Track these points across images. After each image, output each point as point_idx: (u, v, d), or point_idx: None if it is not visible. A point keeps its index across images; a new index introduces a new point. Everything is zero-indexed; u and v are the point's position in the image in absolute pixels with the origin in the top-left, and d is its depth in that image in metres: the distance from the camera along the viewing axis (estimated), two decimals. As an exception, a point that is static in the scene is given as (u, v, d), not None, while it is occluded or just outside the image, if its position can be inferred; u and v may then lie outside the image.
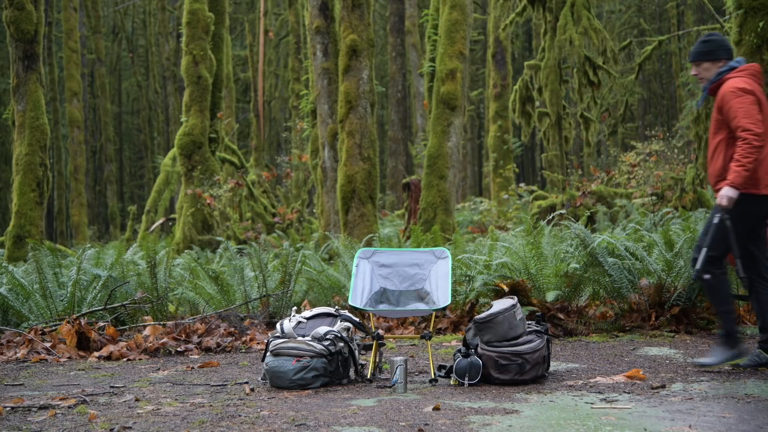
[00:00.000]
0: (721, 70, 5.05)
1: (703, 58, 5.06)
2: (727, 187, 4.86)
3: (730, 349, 5.03)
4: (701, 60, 5.07)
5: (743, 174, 4.83)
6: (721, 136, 5.02)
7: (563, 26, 14.31)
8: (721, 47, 5.07)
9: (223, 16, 16.61)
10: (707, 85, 5.10)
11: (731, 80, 5.00)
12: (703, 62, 5.07)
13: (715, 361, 5.02)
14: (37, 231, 11.71)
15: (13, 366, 6.12)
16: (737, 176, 4.84)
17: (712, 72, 5.07)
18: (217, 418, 3.97)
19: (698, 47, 5.09)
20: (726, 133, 5.00)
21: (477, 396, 4.45)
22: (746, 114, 4.86)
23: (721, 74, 5.04)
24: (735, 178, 4.84)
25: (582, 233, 6.92)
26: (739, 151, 4.85)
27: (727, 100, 4.93)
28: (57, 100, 29.46)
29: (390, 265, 5.35)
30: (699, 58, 5.08)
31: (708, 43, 5.07)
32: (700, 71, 5.09)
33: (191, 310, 8.01)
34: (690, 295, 6.75)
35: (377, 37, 35.18)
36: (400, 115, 25.83)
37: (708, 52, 5.05)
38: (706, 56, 5.06)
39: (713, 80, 5.07)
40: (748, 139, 4.83)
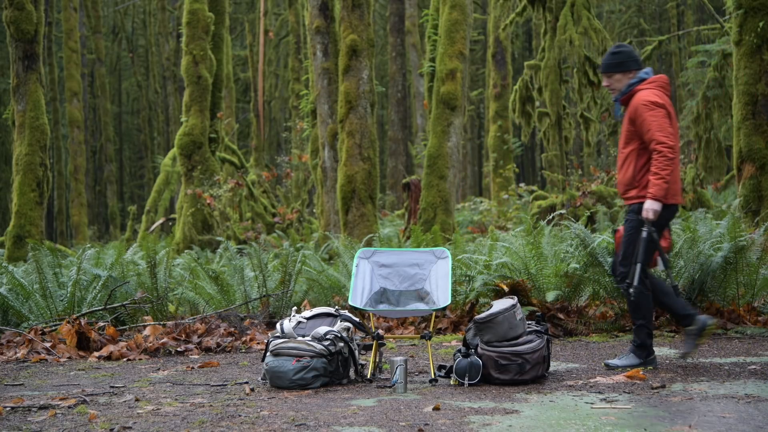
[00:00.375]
0: (632, 81, 5.11)
1: (615, 70, 5.09)
2: (651, 201, 4.95)
3: (638, 357, 5.16)
4: (613, 72, 5.10)
5: (663, 186, 4.95)
6: (633, 147, 5.13)
7: (563, 26, 14.31)
8: (631, 58, 5.13)
9: (223, 16, 16.61)
10: (618, 97, 5.16)
11: (642, 92, 5.08)
12: (614, 74, 5.10)
13: (623, 365, 5.14)
14: (37, 231, 11.71)
15: (13, 366, 6.12)
16: (658, 189, 4.95)
17: (623, 83, 5.12)
18: (217, 418, 3.97)
19: (609, 59, 5.11)
20: (637, 144, 5.11)
21: (477, 396, 4.45)
22: (659, 127, 4.96)
23: (631, 86, 5.10)
24: (657, 191, 4.95)
25: (582, 233, 6.93)
26: (655, 164, 4.95)
27: (640, 113, 5.01)
28: (57, 100, 29.46)
29: (390, 265, 5.35)
30: (611, 69, 5.10)
31: (618, 54, 5.10)
32: (611, 83, 5.13)
33: (191, 310, 8.01)
34: (690, 295, 6.75)
35: (377, 37, 35.18)
36: (400, 115, 25.83)
37: (619, 64, 5.08)
38: (617, 68, 5.08)
39: (624, 92, 5.12)
40: (663, 152, 4.94)
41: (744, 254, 6.78)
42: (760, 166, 9.21)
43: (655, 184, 4.94)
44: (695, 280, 6.71)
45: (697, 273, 6.67)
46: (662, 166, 4.93)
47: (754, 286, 6.98)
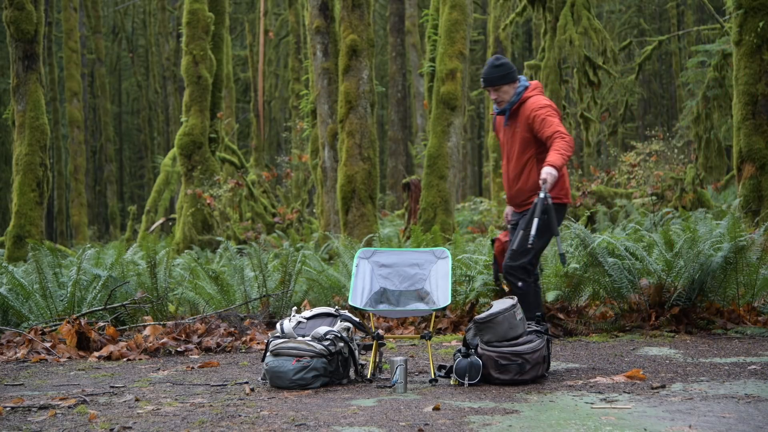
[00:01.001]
0: (518, 90, 5.19)
1: (502, 82, 5.15)
2: (551, 168, 4.99)
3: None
4: (501, 84, 5.16)
5: (564, 161, 5.01)
6: (530, 154, 5.24)
7: (563, 26, 14.31)
8: (513, 68, 5.22)
9: (223, 16, 16.62)
10: (508, 107, 5.21)
11: (532, 99, 5.20)
12: (502, 86, 5.16)
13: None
14: (37, 231, 11.72)
15: (13, 366, 6.12)
16: (560, 159, 5.00)
17: (510, 94, 5.19)
18: (217, 418, 3.97)
19: (494, 72, 5.15)
20: (534, 150, 5.22)
21: (477, 396, 4.45)
22: (560, 124, 5.13)
23: (519, 94, 5.19)
24: (558, 161, 5.01)
25: (582, 233, 6.92)
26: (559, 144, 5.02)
27: (539, 116, 5.11)
28: (57, 100, 29.46)
29: (390, 265, 5.35)
30: (499, 82, 5.15)
31: (502, 66, 5.15)
32: (499, 95, 5.19)
33: (191, 310, 8.01)
34: (690, 295, 6.75)
35: (377, 37, 35.18)
36: (400, 115, 25.83)
37: (505, 75, 5.14)
38: (504, 80, 5.15)
39: (514, 101, 5.20)
40: (567, 138, 5.06)
41: (744, 254, 6.77)
42: (760, 166, 9.21)
43: (557, 157, 4.99)
44: (695, 280, 6.71)
45: (697, 273, 6.67)
46: (566, 147, 5.02)
47: (754, 286, 6.98)
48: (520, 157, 5.28)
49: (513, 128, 5.25)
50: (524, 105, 5.20)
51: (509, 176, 5.39)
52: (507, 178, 5.43)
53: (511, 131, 5.28)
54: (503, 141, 5.41)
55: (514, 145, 5.28)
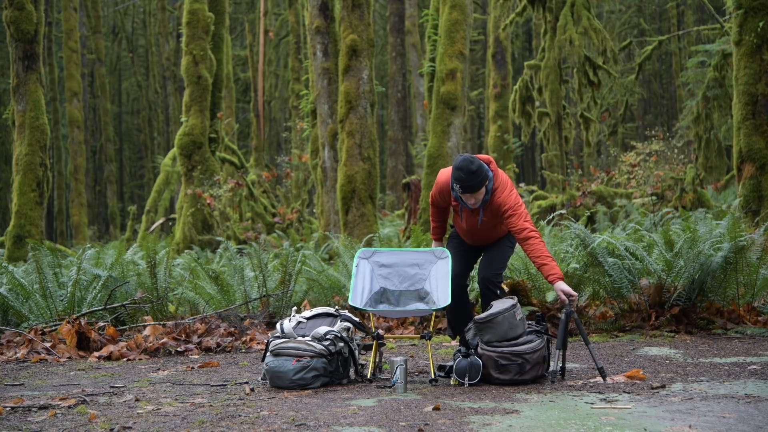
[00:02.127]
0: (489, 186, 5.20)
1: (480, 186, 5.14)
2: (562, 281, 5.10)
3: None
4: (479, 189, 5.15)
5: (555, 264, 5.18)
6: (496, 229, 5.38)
7: (563, 26, 14.31)
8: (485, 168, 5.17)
9: (223, 16, 16.62)
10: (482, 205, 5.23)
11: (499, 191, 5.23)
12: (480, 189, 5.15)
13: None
14: (37, 231, 11.72)
15: (13, 366, 6.12)
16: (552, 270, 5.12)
17: (482, 194, 5.19)
18: (217, 418, 3.97)
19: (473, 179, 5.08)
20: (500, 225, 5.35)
21: (477, 396, 4.45)
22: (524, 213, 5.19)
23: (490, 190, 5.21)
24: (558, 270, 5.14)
25: (582, 233, 6.92)
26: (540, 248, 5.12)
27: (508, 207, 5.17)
28: (57, 100, 29.46)
29: (390, 265, 5.34)
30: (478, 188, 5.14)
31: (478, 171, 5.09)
32: (477, 196, 5.17)
33: (191, 310, 8.02)
34: (690, 295, 6.75)
35: (377, 37, 35.18)
36: (400, 115, 25.83)
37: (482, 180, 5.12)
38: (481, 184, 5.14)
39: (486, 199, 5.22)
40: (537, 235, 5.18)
41: (744, 254, 6.77)
42: (760, 166, 9.21)
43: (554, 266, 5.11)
44: (695, 280, 6.71)
45: (697, 273, 6.67)
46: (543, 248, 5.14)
47: (754, 286, 6.98)
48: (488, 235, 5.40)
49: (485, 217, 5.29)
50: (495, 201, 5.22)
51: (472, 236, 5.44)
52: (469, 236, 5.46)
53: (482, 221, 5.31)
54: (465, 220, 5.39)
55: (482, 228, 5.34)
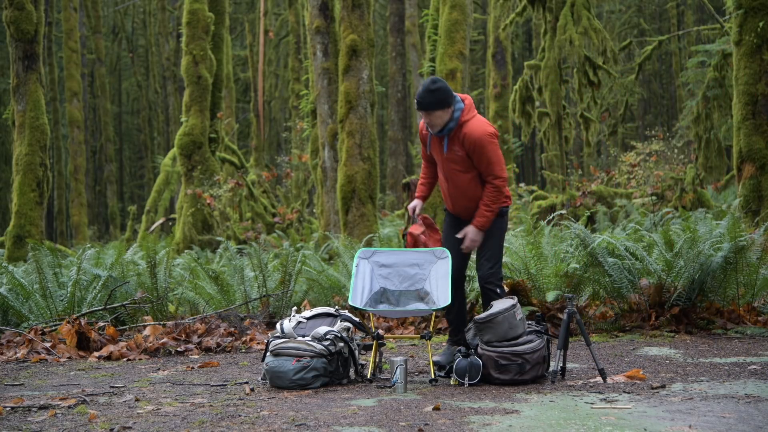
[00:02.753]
0: (455, 114, 5.09)
1: (436, 107, 5.02)
2: (476, 231, 5.13)
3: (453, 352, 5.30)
4: (435, 109, 5.03)
5: (491, 219, 5.14)
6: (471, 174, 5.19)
7: (563, 26, 14.31)
8: (449, 92, 5.05)
9: (223, 16, 16.61)
10: (446, 132, 5.10)
11: (473, 122, 5.09)
12: (436, 111, 5.03)
13: (446, 360, 5.24)
14: (37, 231, 11.71)
15: (13, 366, 6.12)
16: (486, 221, 5.14)
17: (444, 119, 5.07)
18: (217, 418, 3.97)
19: (428, 96, 4.99)
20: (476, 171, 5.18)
21: (477, 396, 4.45)
22: (498, 160, 5.10)
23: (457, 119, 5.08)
24: (485, 223, 5.14)
25: (582, 233, 6.92)
26: (490, 196, 5.11)
27: (481, 145, 5.05)
28: (57, 100, 29.45)
29: (390, 265, 5.34)
30: (432, 107, 5.01)
31: (438, 91, 5.00)
32: (431, 119, 5.06)
33: (191, 310, 8.01)
34: (690, 295, 6.75)
35: (377, 37, 35.18)
36: (400, 115, 25.83)
37: (440, 101, 5.01)
38: (438, 105, 5.02)
39: (452, 126, 5.09)
40: (500, 186, 5.12)
41: (744, 254, 6.77)
42: (760, 166, 9.21)
43: (486, 216, 5.11)
44: (695, 280, 6.71)
45: (697, 273, 6.67)
46: (495, 200, 5.12)
47: (754, 286, 6.98)
48: (460, 177, 5.21)
49: (451, 150, 5.14)
50: (463, 129, 5.08)
51: (450, 195, 5.32)
52: (448, 196, 5.35)
53: (448, 153, 5.17)
54: (438, 159, 5.29)
55: (450, 165, 5.20)
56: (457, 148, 5.11)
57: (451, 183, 5.25)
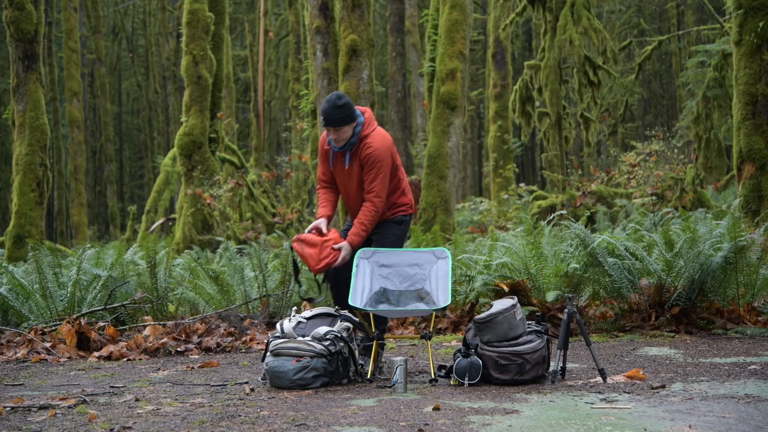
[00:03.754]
0: (356, 129, 5.11)
1: (344, 123, 5.05)
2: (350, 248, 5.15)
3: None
4: (342, 125, 5.06)
5: (365, 237, 5.19)
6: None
7: (563, 26, 14.31)
8: (353, 106, 5.10)
9: (223, 16, 16.61)
10: (348, 147, 5.14)
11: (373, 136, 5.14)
12: (343, 126, 5.06)
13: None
14: (37, 231, 11.71)
15: (13, 366, 6.12)
16: (361, 240, 5.19)
17: (350, 133, 5.10)
18: (217, 418, 3.97)
19: (336, 113, 5.01)
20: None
21: (477, 396, 4.45)
22: (384, 180, 5.16)
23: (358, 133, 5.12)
24: (359, 242, 5.19)
25: (582, 233, 6.92)
26: (368, 215, 5.16)
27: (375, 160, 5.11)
28: (57, 100, 29.46)
29: (390, 265, 5.34)
30: (341, 123, 5.04)
31: (344, 107, 5.02)
32: (339, 134, 5.08)
33: (191, 310, 8.01)
34: (690, 295, 6.74)
35: (377, 37, 35.18)
36: (400, 115, 25.82)
37: (347, 117, 5.04)
38: (345, 121, 5.05)
39: (354, 142, 5.13)
40: (378, 206, 5.18)
41: (744, 254, 6.77)
42: (760, 166, 9.22)
43: (360, 235, 5.16)
44: (695, 280, 6.71)
45: (697, 273, 6.67)
46: (372, 219, 5.17)
47: (754, 286, 6.98)
48: (359, 192, 5.27)
49: (352, 166, 5.20)
50: (361, 144, 5.14)
51: (351, 207, 5.40)
52: (350, 209, 5.43)
53: (349, 168, 5.23)
54: (338, 173, 5.33)
55: (352, 180, 5.25)
56: (356, 162, 5.18)
57: (350, 196, 5.32)
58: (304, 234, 5.24)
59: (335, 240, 5.20)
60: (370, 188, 5.16)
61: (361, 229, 5.18)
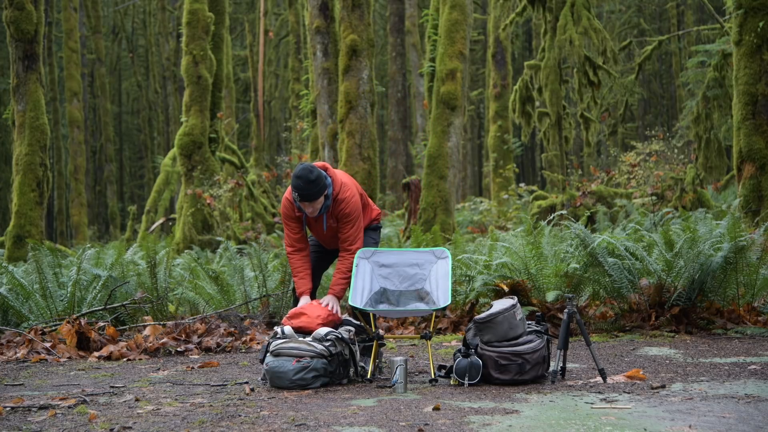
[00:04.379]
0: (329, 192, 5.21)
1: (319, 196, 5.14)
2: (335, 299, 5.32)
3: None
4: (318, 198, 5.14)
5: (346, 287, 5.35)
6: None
7: (563, 26, 14.31)
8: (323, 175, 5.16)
9: (223, 16, 16.62)
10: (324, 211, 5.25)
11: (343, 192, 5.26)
12: (318, 199, 5.14)
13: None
14: (37, 231, 11.71)
15: (13, 366, 6.12)
16: (343, 290, 5.37)
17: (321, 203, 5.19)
18: (217, 418, 3.97)
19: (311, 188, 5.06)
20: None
21: (477, 396, 4.45)
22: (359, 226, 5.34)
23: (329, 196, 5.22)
24: (342, 292, 5.37)
25: (582, 233, 6.92)
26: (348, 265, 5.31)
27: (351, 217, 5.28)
28: (57, 100, 29.46)
29: (390, 265, 5.35)
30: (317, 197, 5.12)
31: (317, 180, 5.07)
32: (315, 206, 5.16)
33: (191, 310, 8.01)
34: (690, 295, 6.74)
35: (377, 37, 35.17)
36: (400, 115, 25.83)
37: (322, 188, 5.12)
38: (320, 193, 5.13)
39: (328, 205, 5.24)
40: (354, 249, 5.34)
41: (744, 254, 6.77)
42: (760, 166, 9.21)
43: (343, 284, 5.33)
44: (695, 280, 6.71)
45: (697, 273, 6.67)
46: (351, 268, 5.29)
47: (754, 286, 6.98)
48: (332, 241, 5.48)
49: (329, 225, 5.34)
50: (337, 203, 5.25)
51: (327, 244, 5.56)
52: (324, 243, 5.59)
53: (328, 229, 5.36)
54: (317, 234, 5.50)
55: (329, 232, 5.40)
56: (332, 221, 5.33)
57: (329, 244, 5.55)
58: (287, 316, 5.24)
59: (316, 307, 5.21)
60: (345, 237, 5.33)
61: (342, 280, 5.34)
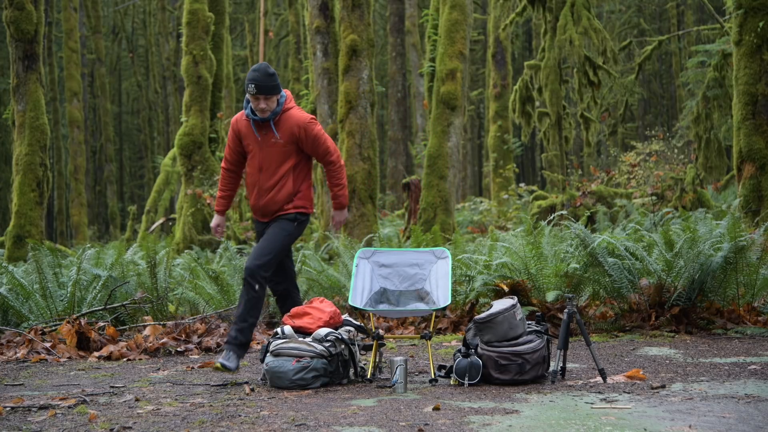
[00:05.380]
0: (281, 101, 5.21)
1: (275, 92, 5.12)
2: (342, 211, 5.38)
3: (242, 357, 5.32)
4: (273, 94, 5.12)
5: (347, 193, 5.40)
6: (290, 165, 5.29)
7: (563, 26, 14.31)
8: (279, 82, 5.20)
9: (223, 16, 16.62)
10: (272, 116, 5.19)
11: (295, 110, 5.27)
12: (273, 95, 5.13)
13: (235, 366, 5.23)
14: (37, 231, 11.71)
15: (13, 366, 6.12)
16: (344, 198, 5.41)
17: (275, 103, 5.17)
18: (217, 418, 3.97)
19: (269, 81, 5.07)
20: (294, 161, 5.30)
21: (477, 396, 4.45)
22: (329, 140, 5.34)
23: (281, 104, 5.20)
24: (344, 200, 5.40)
25: (582, 233, 6.92)
26: (339, 175, 5.37)
27: (310, 130, 5.23)
28: (57, 100, 29.46)
29: (390, 265, 5.35)
30: (272, 92, 5.10)
31: (274, 76, 5.11)
32: (268, 104, 5.14)
33: (191, 310, 8.02)
34: (690, 295, 6.74)
35: (377, 37, 35.17)
36: (400, 115, 25.82)
37: (277, 86, 5.12)
38: (275, 90, 5.12)
39: (278, 111, 5.19)
40: (341, 164, 5.39)
41: (744, 254, 6.77)
42: (760, 166, 9.21)
43: (342, 194, 5.38)
44: (695, 280, 6.71)
45: (697, 273, 6.67)
46: (342, 175, 5.39)
47: (754, 286, 6.98)
48: (277, 168, 5.27)
49: (270, 138, 5.22)
50: (286, 116, 5.19)
51: (260, 186, 5.33)
52: (257, 188, 5.35)
53: (267, 141, 5.24)
54: (253, 149, 5.32)
55: (271, 155, 5.25)
56: (280, 135, 5.23)
57: (266, 173, 5.31)
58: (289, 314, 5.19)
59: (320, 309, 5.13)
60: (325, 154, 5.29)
61: (338, 190, 5.36)
